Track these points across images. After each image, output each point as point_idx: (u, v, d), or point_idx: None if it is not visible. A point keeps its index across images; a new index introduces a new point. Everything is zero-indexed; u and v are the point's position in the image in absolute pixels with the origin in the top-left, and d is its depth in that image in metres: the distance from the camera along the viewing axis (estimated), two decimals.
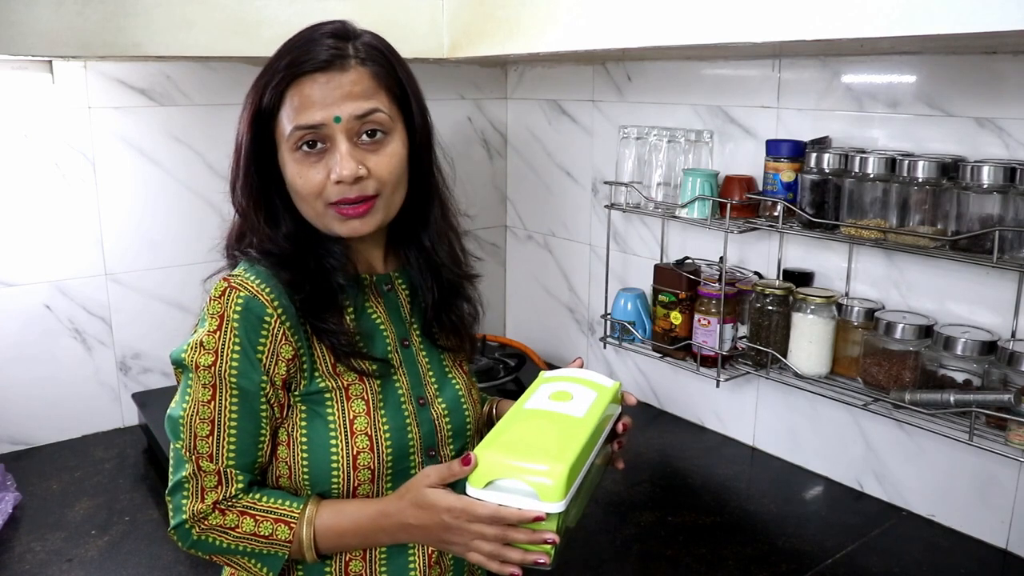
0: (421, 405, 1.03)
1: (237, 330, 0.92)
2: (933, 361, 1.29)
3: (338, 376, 0.97)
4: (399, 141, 0.97)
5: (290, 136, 0.93)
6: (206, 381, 0.92)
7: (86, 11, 1.31)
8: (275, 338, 0.93)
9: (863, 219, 1.35)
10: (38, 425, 1.69)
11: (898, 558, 1.31)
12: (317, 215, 0.96)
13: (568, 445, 0.88)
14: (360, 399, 0.98)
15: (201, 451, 0.93)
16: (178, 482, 0.94)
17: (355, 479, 0.97)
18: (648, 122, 1.79)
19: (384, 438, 0.98)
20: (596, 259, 2.01)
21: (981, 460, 1.32)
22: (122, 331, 1.76)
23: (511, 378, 1.80)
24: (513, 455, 0.87)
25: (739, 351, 1.58)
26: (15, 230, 1.62)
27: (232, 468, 0.94)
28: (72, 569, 1.27)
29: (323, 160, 0.93)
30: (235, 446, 0.94)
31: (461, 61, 1.77)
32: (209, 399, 0.93)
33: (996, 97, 1.26)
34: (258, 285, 0.93)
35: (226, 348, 0.92)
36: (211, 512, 0.93)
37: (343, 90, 0.93)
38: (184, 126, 1.75)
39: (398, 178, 0.97)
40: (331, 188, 0.93)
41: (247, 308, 0.92)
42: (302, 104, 0.93)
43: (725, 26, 1.18)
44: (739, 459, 1.67)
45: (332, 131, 0.93)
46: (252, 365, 0.93)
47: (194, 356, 0.93)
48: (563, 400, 0.99)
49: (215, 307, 0.93)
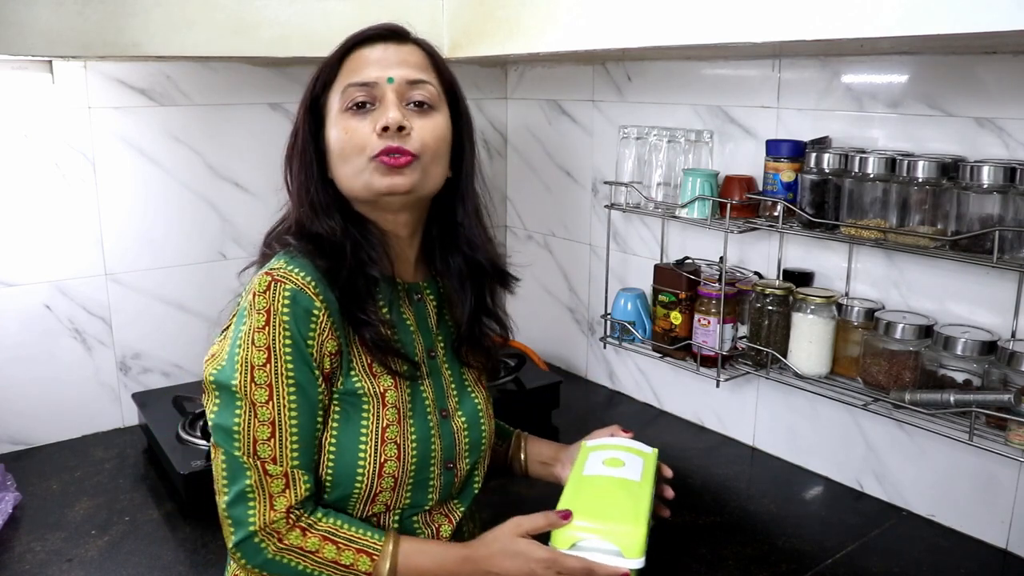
0: (443, 417, 1.03)
1: (287, 324, 0.90)
2: (933, 361, 1.29)
3: (374, 378, 0.96)
4: (444, 119, 1.00)
5: (342, 96, 0.96)
6: (261, 381, 0.90)
7: (86, 11, 1.31)
8: (322, 331, 0.92)
9: (863, 219, 1.35)
10: (38, 425, 1.69)
11: (898, 558, 1.31)
12: (356, 172, 0.95)
13: (639, 506, 0.98)
14: (393, 407, 0.97)
15: (264, 455, 0.90)
16: (239, 493, 0.90)
17: (377, 486, 0.96)
18: (648, 122, 1.79)
19: (411, 448, 0.98)
20: (596, 259, 2.01)
21: (981, 460, 1.32)
22: (122, 331, 1.76)
23: (511, 378, 1.79)
24: (594, 517, 0.96)
25: (739, 351, 1.58)
26: (15, 230, 1.62)
27: (297, 468, 0.91)
28: (72, 569, 1.27)
29: (370, 117, 0.95)
30: (298, 445, 0.92)
31: (461, 61, 1.77)
32: (267, 399, 0.90)
33: (996, 97, 1.26)
34: (303, 278, 0.92)
35: (278, 344, 0.90)
36: (283, 520, 0.90)
37: (399, 57, 0.98)
38: (184, 126, 1.75)
39: (439, 148, 0.98)
40: (374, 141, 0.94)
41: (295, 301, 0.90)
42: (358, 66, 0.97)
43: (725, 26, 1.18)
44: (739, 459, 1.67)
45: (383, 91, 0.95)
46: (305, 359, 0.91)
47: (246, 356, 0.90)
48: (617, 466, 1.08)
49: (260, 302, 0.90)
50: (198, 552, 1.32)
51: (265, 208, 1.86)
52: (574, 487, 1.03)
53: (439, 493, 1.03)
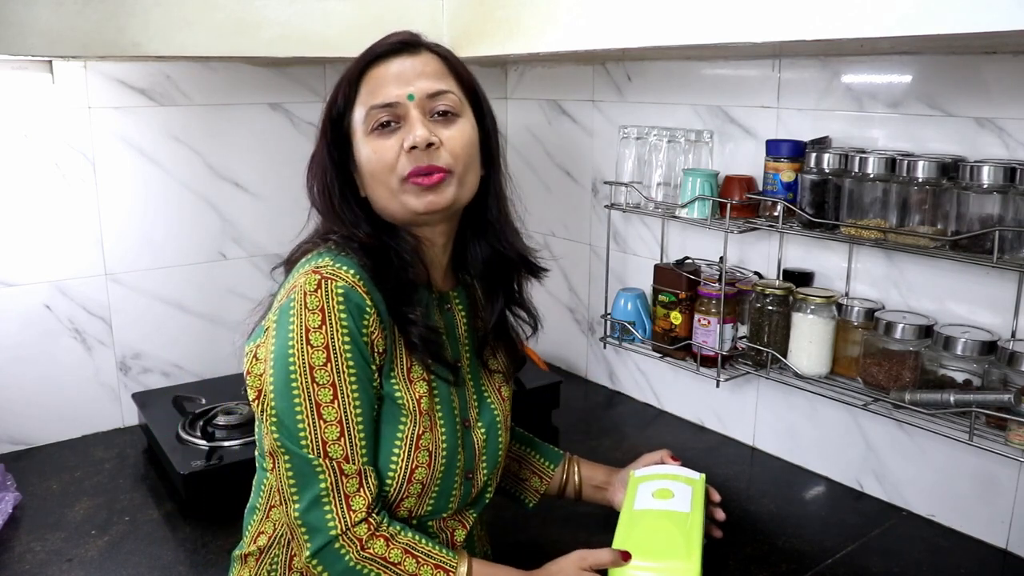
0: (466, 427, 1.04)
1: (344, 320, 0.89)
2: (933, 361, 1.29)
3: (411, 383, 0.96)
4: (469, 124, 0.99)
5: (366, 118, 0.95)
6: (323, 380, 0.88)
7: (86, 11, 1.31)
8: (374, 328, 0.92)
9: (863, 219, 1.35)
10: (38, 425, 1.69)
11: (898, 558, 1.31)
12: (392, 193, 0.95)
13: (691, 539, 1.02)
14: (427, 414, 0.97)
15: (335, 456, 0.89)
16: (314, 499, 0.89)
17: (405, 491, 0.96)
18: (648, 122, 1.79)
19: (441, 456, 0.98)
20: (596, 259, 2.01)
21: (981, 460, 1.32)
22: (122, 331, 1.76)
23: None
24: (649, 556, 0.99)
25: (739, 351, 1.58)
26: (15, 230, 1.62)
27: (367, 466, 0.91)
28: (72, 569, 1.27)
29: (396, 135, 0.95)
30: (365, 441, 0.91)
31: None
32: (331, 399, 0.89)
33: (996, 97, 1.26)
34: (352, 275, 0.91)
35: (337, 341, 0.89)
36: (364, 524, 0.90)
37: (416, 70, 0.97)
38: (184, 126, 1.75)
39: (470, 156, 0.99)
40: (404, 160, 0.94)
41: (348, 298, 0.90)
42: (377, 85, 0.96)
43: (725, 26, 1.18)
44: (739, 459, 1.67)
45: (406, 108, 0.95)
46: (364, 355, 0.91)
47: (304, 357, 0.88)
48: (667, 498, 1.11)
49: (312, 301, 0.89)
50: (198, 552, 1.32)
51: (265, 208, 1.87)
52: (627, 524, 1.06)
53: (458, 502, 1.04)
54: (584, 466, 1.30)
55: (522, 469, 1.27)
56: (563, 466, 1.29)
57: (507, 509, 1.40)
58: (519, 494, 1.29)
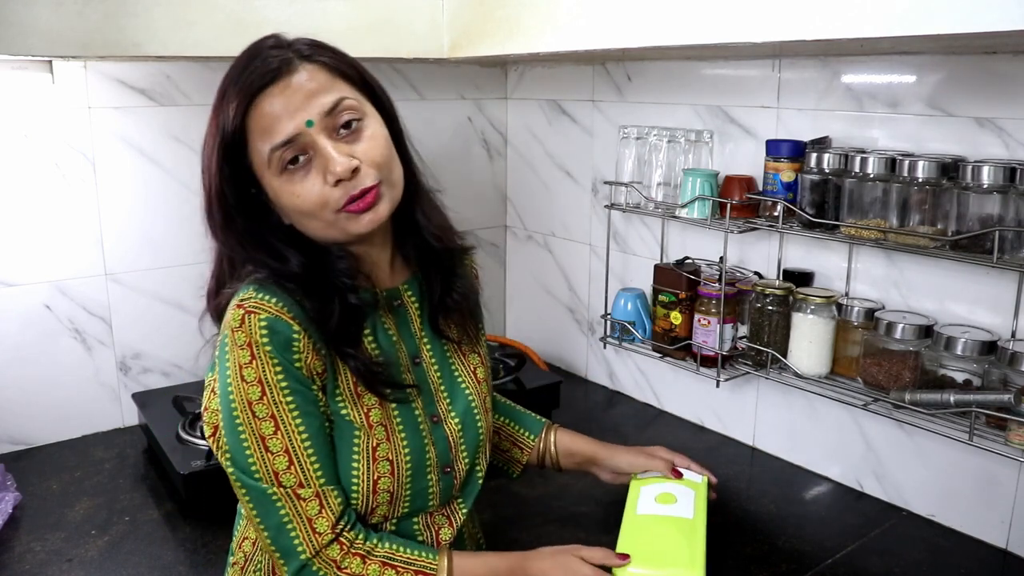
0: (435, 423, 1.02)
1: (271, 352, 0.88)
2: (933, 361, 1.29)
3: (359, 398, 0.95)
4: (376, 123, 0.94)
5: (270, 160, 0.88)
6: (263, 414, 0.88)
7: (86, 11, 1.31)
8: (307, 353, 0.90)
9: (863, 219, 1.35)
10: (38, 425, 1.69)
11: (898, 558, 1.31)
12: (328, 225, 0.91)
13: (694, 546, 1.01)
14: (380, 425, 0.96)
15: (288, 484, 0.89)
16: (278, 526, 0.89)
17: (373, 501, 0.96)
18: (648, 122, 1.79)
19: (404, 461, 0.97)
20: (596, 259, 2.01)
21: (981, 460, 1.32)
22: (122, 331, 1.76)
23: (511, 378, 1.79)
24: (653, 564, 0.98)
25: (739, 351, 1.58)
26: (15, 230, 1.62)
27: (326, 486, 0.91)
28: (72, 569, 1.27)
29: (311, 170, 0.89)
30: (319, 464, 0.91)
31: (461, 61, 1.77)
32: (274, 430, 0.89)
33: (996, 97, 1.26)
34: (276, 304, 0.89)
35: (268, 373, 0.88)
36: (335, 544, 0.90)
37: (302, 92, 0.88)
38: (184, 126, 1.75)
39: (389, 158, 0.94)
40: (332, 193, 0.89)
41: (272, 330, 0.88)
42: (268, 123, 0.88)
43: (725, 26, 1.18)
44: (739, 459, 1.67)
45: (310, 137, 0.88)
46: (300, 380, 0.90)
47: (241, 394, 0.88)
48: (669, 503, 1.11)
49: (240, 337, 0.88)
50: (198, 552, 1.32)
51: None
52: (630, 529, 1.05)
53: (439, 498, 1.03)
54: (562, 437, 1.24)
55: (502, 440, 1.24)
56: (542, 435, 1.25)
57: (507, 507, 1.40)
58: (502, 464, 1.26)
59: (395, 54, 1.63)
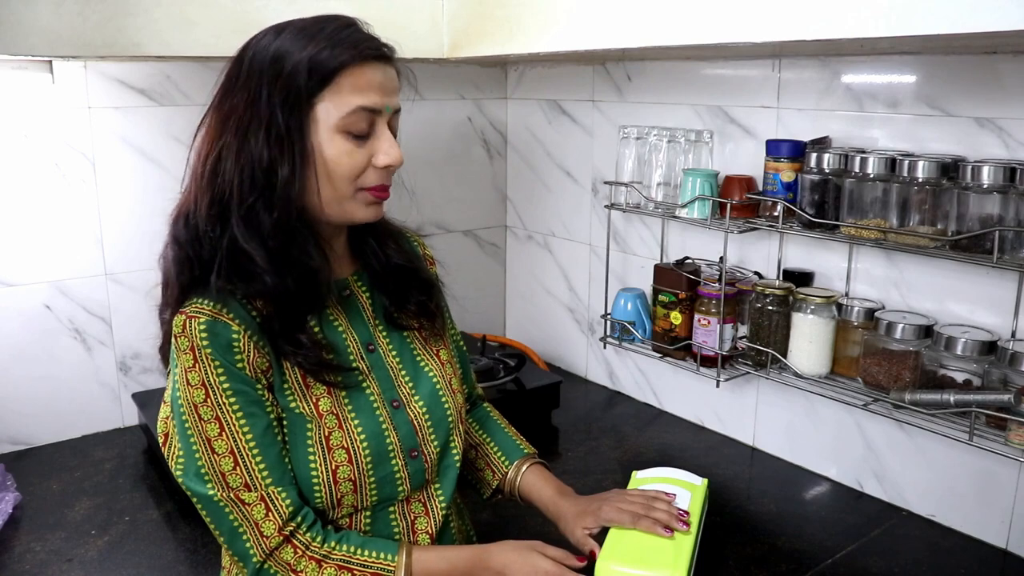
0: (395, 408, 1.02)
1: (212, 355, 0.90)
2: (933, 361, 1.29)
3: (307, 389, 0.95)
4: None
5: (346, 115, 0.92)
6: (208, 416, 0.90)
7: (86, 11, 1.31)
8: (249, 353, 0.91)
9: (863, 219, 1.35)
10: (38, 425, 1.69)
11: (898, 558, 1.31)
12: (339, 198, 0.95)
13: (681, 548, 0.99)
14: (331, 414, 0.96)
15: (235, 485, 0.90)
16: (231, 531, 0.91)
17: (337, 492, 0.96)
18: (648, 122, 1.79)
19: (361, 447, 0.97)
20: (596, 259, 2.01)
21: (981, 460, 1.32)
22: (122, 331, 1.76)
23: (511, 378, 1.79)
24: (634, 563, 0.97)
25: (739, 351, 1.58)
26: (15, 230, 1.62)
27: (272, 487, 0.92)
28: (72, 569, 1.27)
29: (366, 145, 0.95)
30: (264, 465, 0.92)
31: (461, 61, 1.77)
32: (219, 432, 0.90)
33: (996, 97, 1.26)
34: (214, 307, 0.91)
35: (211, 376, 0.90)
36: (285, 545, 0.91)
37: (392, 83, 0.98)
38: (184, 126, 1.75)
39: None
40: (372, 173, 0.95)
41: (212, 332, 0.90)
42: (366, 85, 0.94)
43: (725, 26, 1.18)
44: (739, 459, 1.67)
45: (382, 118, 0.96)
46: (243, 381, 0.91)
47: (187, 397, 0.90)
48: None
49: (183, 342, 0.90)
50: (198, 552, 1.32)
51: None
52: (616, 534, 1.03)
53: (409, 483, 1.02)
54: (529, 479, 1.14)
55: (478, 458, 1.20)
56: (516, 467, 1.16)
57: (507, 507, 1.40)
58: (474, 482, 1.21)
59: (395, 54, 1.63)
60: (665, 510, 1.03)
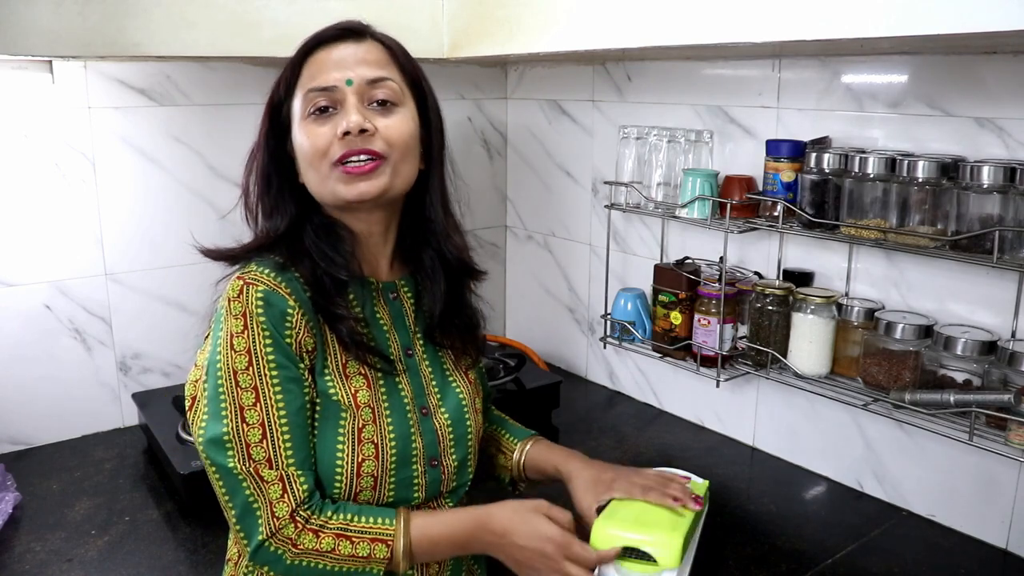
0: (424, 415, 1.02)
1: (264, 324, 0.90)
2: (933, 361, 1.29)
3: (347, 379, 0.96)
4: (410, 114, 0.99)
5: (304, 102, 0.95)
6: (246, 384, 0.90)
7: (86, 11, 1.31)
8: (299, 329, 0.92)
9: (863, 219, 1.35)
10: (38, 425, 1.69)
11: (898, 558, 1.31)
12: (322, 179, 0.95)
13: (679, 521, 1.00)
14: (367, 407, 0.96)
15: (258, 459, 0.90)
16: (244, 506, 0.90)
17: (357, 485, 0.96)
18: (648, 122, 1.79)
19: (389, 446, 0.97)
20: (596, 259, 2.01)
21: (981, 460, 1.32)
22: (122, 331, 1.76)
23: (511, 378, 1.79)
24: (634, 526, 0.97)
25: (739, 351, 1.58)
26: (15, 230, 1.62)
27: (293, 468, 0.91)
28: (72, 569, 1.27)
29: (332, 121, 0.95)
30: (290, 444, 0.91)
31: (461, 61, 1.77)
32: (254, 402, 0.90)
33: (996, 97, 1.26)
34: (274, 279, 0.92)
35: (258, 345, 0.90)
36: (291, 525, 0.90)
37: (357, 56, 0.96)
38: (184, 126, 1.75)
39: (407, 145, 0.97)
40: (336, 146, 0.94)
41: (268, 303, 0.91)
42: (317, 70, 0.95)
43: (725, 26, 1.18)
44: (739, 459, 1.67)
45: (343, 94, 0.95)
46: (289, 356, 0.92)
47: (228, 362, 0.90)
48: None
49: (236, 307, 0.91)
50: (198, 552, 1.32)
51: None
52: (618, 503, 1.03)
53: (425, 491, 1.02)
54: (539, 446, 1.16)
55: (489, 446, 1.21)
56: (522, 444, 1.18)
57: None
58: (493, 471, 1.22)
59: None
60: (679, 489, 1.04)
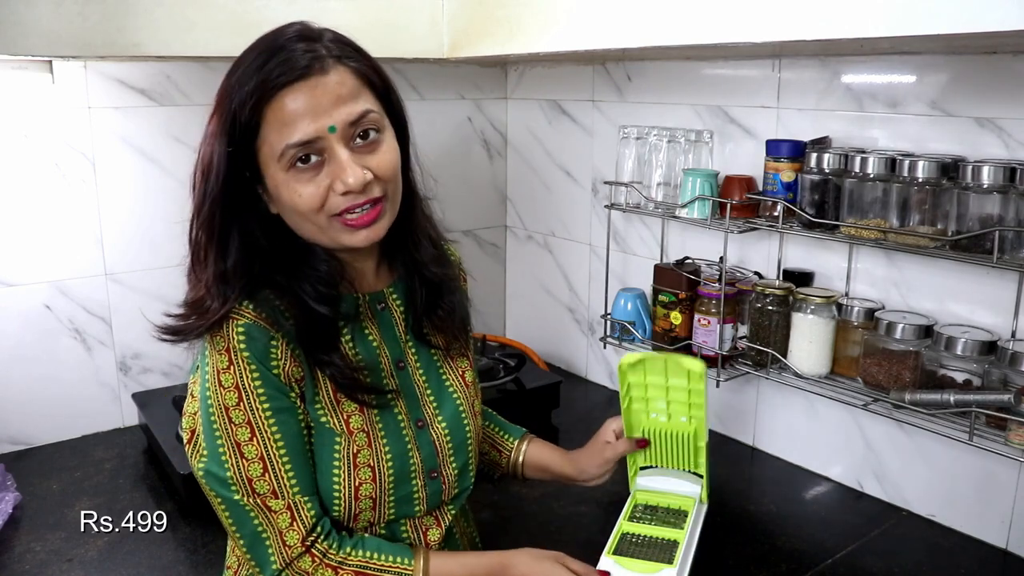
0: (420, 427, 1.01)
1: (249, 359, 0.88)
2: (933, 361, 1.29)
3: (338, 405, 0.94)
4: (391, 137, 0.93)
5: (282, 156, 0.86)
6: (239, 420, 0.88)
7: (86, 11, 1.31)
8: (285, 360, 0.90)
9: (863, 219, 1.35)
10: (38, 425, 1.69)
11: (898, 558, 1.31)
12: (320, 230, 0.90)
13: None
14: (361, 431, 0.95)
15: (262, 492, 0.89)
16: (253, 536, 0.90)
17: (356, 508, 0.95)
18: (648, 122, 1.79)
19: (386, 467, 0.96)
20: (596, 259, 2.01)
21: (981, 460, 1.32)
22: (122, 331, 1.76)
23: (511, 378, 1.79)
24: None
25: (739, 351, 1.58)
26: (15, 230, 1.62)
27: (299, 495, 0.91)
28: (72, 569, 1.27)
29: (320, 172, 0.87)
30: (293, 472, 0.90)
31: (461, 61, 1.77)
32: (250, 436, 0.88)
33: (996, 97, 1.26)
34: (254, 311, 0.89)
35: (246, 380, 0.88)
36: (305, 556, 0.90)
37: (330, 96, 0.86)
38: (184, 126, 1.75)
39: (397, 172, 0.93)
40: (335, 199, 0.88)
41: (250, 336, 0.88)
42: (289, 119, 0.85)
43: (725, 26, 1.18)
44: (739, 459, 1.67)
45: (328, 142, 0.86)
46: (277, 387, 0.90)
47: (218, 399, 0.88)
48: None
49: (219, 342, 0.88)
50: (198, 552, 1.32)
51: None
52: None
53: (426, 504, 1.01)
54: (537, 444, 1.21)
55: (483, 443, 1.21)
56: (519, 441, 1.21)
57: (506, 508, 1.40)
58: (483, 467, 1.23)
59: (395, 54, 1.63)
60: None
